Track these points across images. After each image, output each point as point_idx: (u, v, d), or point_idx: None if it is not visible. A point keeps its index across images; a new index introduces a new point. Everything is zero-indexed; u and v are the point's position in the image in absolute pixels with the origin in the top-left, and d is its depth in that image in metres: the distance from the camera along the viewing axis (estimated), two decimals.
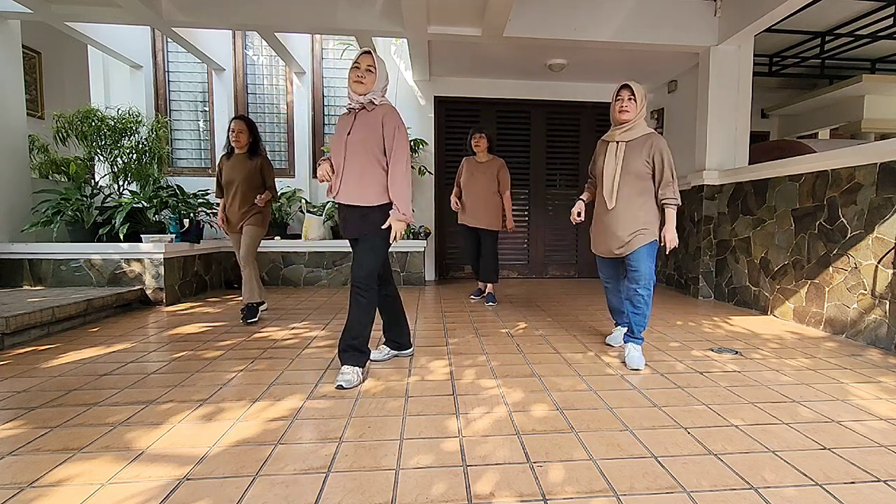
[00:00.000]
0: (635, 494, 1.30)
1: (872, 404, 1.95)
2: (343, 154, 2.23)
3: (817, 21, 4.87)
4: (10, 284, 3.97)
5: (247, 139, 3.38)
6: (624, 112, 2.43)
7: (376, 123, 2.22)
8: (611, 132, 2.54)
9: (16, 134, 4.25)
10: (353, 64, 2.21)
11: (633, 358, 2.42)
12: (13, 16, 4.13)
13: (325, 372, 2.32)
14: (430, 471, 1.41)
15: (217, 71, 5.85)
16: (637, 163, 2.43)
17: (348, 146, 2.22)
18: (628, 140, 2.46)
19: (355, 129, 2.23)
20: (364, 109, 2.25)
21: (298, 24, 4.18)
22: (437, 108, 5.84)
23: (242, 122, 3.38)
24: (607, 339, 2.87)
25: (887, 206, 2.76)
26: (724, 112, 4.48)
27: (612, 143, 2.50)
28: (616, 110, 2.46)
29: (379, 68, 2.21)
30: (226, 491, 1.31)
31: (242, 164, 3.39)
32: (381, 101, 2.28)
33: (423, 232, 5.63)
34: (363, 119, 2.24)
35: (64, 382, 2.15)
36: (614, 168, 2.47)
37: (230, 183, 3.40)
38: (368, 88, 2.20)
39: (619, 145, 2.48)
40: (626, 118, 2.43)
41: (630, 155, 2.44)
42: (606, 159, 2.50)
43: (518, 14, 4.16)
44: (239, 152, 3.41)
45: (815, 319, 3.29)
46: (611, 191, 2.48)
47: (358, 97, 2.22)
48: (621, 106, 2.44)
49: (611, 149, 2.50)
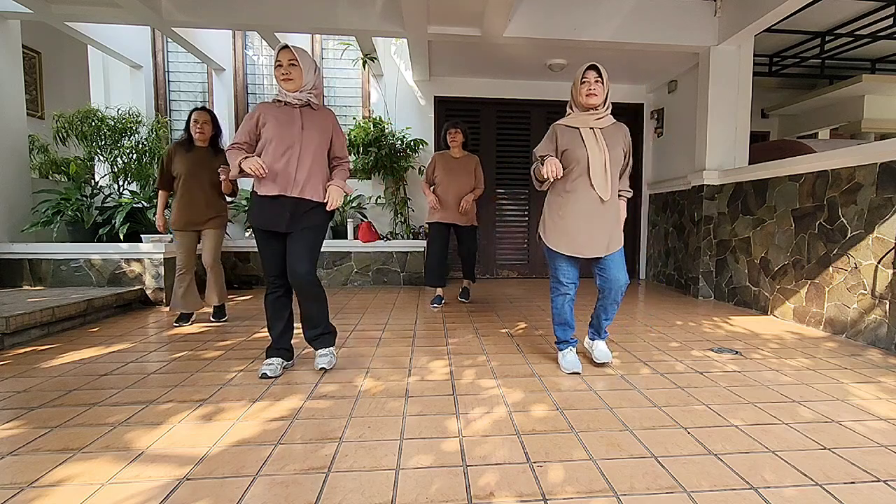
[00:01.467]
0: (635, 494, 1.30)
1: (872, 404, 1.95)
2: (298, 149, 2.19)
3: (817, 21, 4.87)
4: (10, 284, 3.97)
5: (210, 131, 3.26)
6: (592, 95, 2.20)
7: (326, 127, 2.29)
8: (579, 117, 2.28)
9: (16, 134, 4.25)
10: (276, 63, 2.18)
11: (605, 352, 2.41)
12: (13, 16, 4.13)
13: (325, 372, 2.32)
14: (430, 471, 1.41)
15: (217, 71, 5.85)
16: (617, 151, 2.27)
17: (304, 143, 2.20)
18: (603, 127, 2.27)
19: (307, 126, 2.22)
20: (308, 107, 2.26)
21: (298, 24, 4.17)
22: (437, 108, 5.84)
23: (207, 113, 3.27)
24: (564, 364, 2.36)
25: (887, 206, 2.76)
26: (724, 112, 4.48)
27: (587, 129, 2.26)
28: (583, 93, 2.22)
29: (303, 60, 2.18)
30: (226, 491, 1.31)
31: (206, 158, 3.23)
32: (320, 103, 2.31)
33: (423, 232, 5.63)
34: (311, 118, 2.25)
35: (64, 382, 2.15)
36: (602, 155, 2.23)
37: (192, 177, 3.20)
38: (299, 84, 2.19)
39: (595, 132, 2.25)
40: (595, 102, 2.22)
41: (609, 144, 2.25)
42: (589, 147, 2.23)
43: (518, 14, 4.16)
44: (200, 145, 3.25)
45: (815, 319, 3.29)
46: (604, 181, 2.23)
47: (293, 95, 2.20)
48: (589, 89, 2.20)
49: (588, 135, 2.25)
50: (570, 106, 2.34)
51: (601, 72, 2.22)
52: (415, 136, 5.58)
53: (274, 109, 2.23)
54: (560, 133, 2.32)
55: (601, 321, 2.42)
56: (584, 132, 2.26)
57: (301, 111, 2.24)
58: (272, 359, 2.30)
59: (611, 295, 2.32)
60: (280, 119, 2.20)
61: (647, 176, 6.04)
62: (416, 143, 5.49)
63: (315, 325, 2.35)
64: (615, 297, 2.32)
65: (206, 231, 3.28)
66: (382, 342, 2.90)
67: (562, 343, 2.43)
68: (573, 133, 2.29)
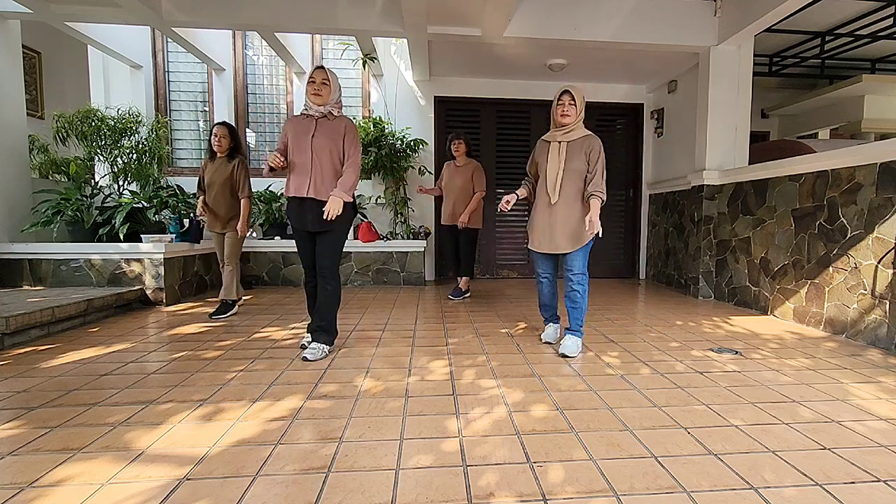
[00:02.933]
0: (635, 494, 1.30)
1: (872, 404, 1.95)
2: (310, 155, 2.49)
3: (817, 21, 4.87)
4: (10, 284, 3.97)
5: (228, 143, 3.58)
6: (565, 116, 2.62)
7: (338, 134, 2.54)
8: (551, 133, 2.71)
9: (16, 134, 4.25)
10: (309, 78, 2.49)
11: (569, 346, 2.62)
12: (13, 16, 4.13)
13: (325, 372, 2.32)
14: (430, 471, 1.41)
15: (217, 71, 5.85)
16: (577, 160, 2.63)
17: (315, 149, 2.50)
18: (569, 140, 2.66)
19: (319, 133, 2.51)
20: (325, 118, 2.54)
21: (298, 24, 4.18)
22: (437, 108, 5.84)
23: (225, 127, 3.58)
24: (543, 336, 2.91)
25: (887, 206, 2.76)
26: (724, 112, 4.48)
27: (555, 143, 2.68)
28: (558, 114, 2.64)
29: (332, 80, 2.51)
30: (226, 491, 1.31)
31: (223, 167, 3.57)
32: (339, 113, 2.60)
33: (423, 232, 5.63)
34: (326, 126, 2.53)
35: (64, 382, 2.15)
36: (557, 165, 2.64)
37: (211, 184, 3.58)
38: (325, 100, 2.50)
39: (561, 145, 2.66)
40: (567, 121, 2.63)
41: (571, 154, 2.64)
42: (550, 157, 2.67)
43: (518, 14, 4.16)
44: (220, 156, 3.59)
45: (815, 319, 3.29)
46: (554, 185, 2.65)
47: (317, 108, 2.51)
48: (563, 111, 2.62)
49: (553, 148, 2.68)
50: (552, 120, 2.74)
51: (574, 95, 2.61)
52: (415, 136, 5.57)
53: (296, 121, 2.58)
54: (538, 146, 2.80)
55: (569, 308, 2.72)
56: (551, 146, 2.70)
57: (317, 122, 2.54)
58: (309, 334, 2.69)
59: (568, 284, 2.70)
60: (297, 130, 2.54)
61: (647, 176, 6.04)
62: (416, 143, 5.49)
63: (320, 318, 2.61)
64: (571, 284, 2.68)
65: (226, 233, 3.67)
66: (382, 342, 2.90)
67: (545, 319, 2.97)
68: (544, 146, 2.75)
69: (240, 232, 3.58)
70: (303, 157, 2.50)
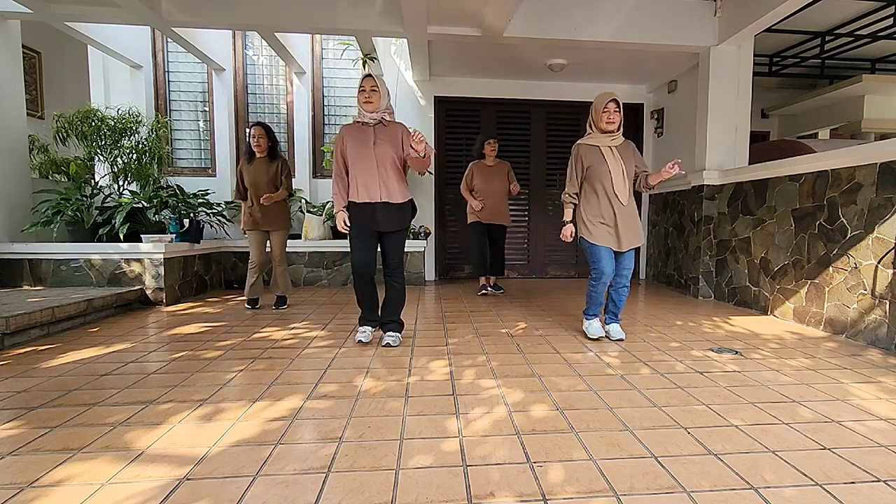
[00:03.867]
0: (635, 494, 1.30)
1: (872, 404, 1.95)
2: (374, 161, 2.64)
3: (817, 21, 4.87)
4: (10, 284, 3.97)
5: (266, 143, 3.70)
6: (611, 123, 2.76)
7: (397, 139, 2.68)
8: (597, 138, 2.83)
9: (16, 134, 4.25)
10: (360, 88, 2.63)
11: (618, 331, 2.95)
12: (13, 16, 4.13)
13: (325, 372, 2.32)
14: (430, 471, 1.41)
15: (217, 71, 5.85)
16: (630, 164, 2.82)
17: (378, 156, 2.64)
18: (617, 145, 2.82)
19: (379, 141, 2.65)
20: (380, 124, 2.67)
21: (298, 24, 4.18)
22: (437, 108, 5.84)
23: (262, 127, 3.70)
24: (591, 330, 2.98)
25: (887, 206, 2.76)
26: (724, 112, 4.48)
27: (605, 147, 2.80)
28: (603, 121, 2.76)
29: (381, 87, 2.63)
30: (226, 491, 1.31)
31: (265, 167, 3.71)
32: (391, 118, 2.73)
33: (423, 232, 5.63)
34: (383, 133, 2.67)
35: (64, 382, 2.15)
36: (621, 168, 2.78)
37: (256, 185, 3.70)
38: (377, 106, 2.62)
39: (612, 149, 2.81)
40: (612, 128, 2.77)
41: (624, 159, 2.80)
42: (609, 161, 2.78)
43: (518, 14, 4.16)
44: (260, 156, 3.72)
45: (815, 319, 3.29)
46: (623, 188, 2.80)
47: (370, 115, 2.63)
48: (608, 118, 2.75)
49: (607, 152, 2.80)
50: (590, 126, 2.87)
51: (619, 103, 2.77)
52: None
53: (354, 130, 2.70)
54: (584, 152, 2.86)
55: (616, 304, 2.96)
56: (603, 150, 2.81)
57: (374, 129, 2.66)
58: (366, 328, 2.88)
59: (621, 280, 2.89)
60: (357, 139, 2.67)
61: None
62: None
63: (391, 312, 2.84)
64: (625, 282, 2.90)
65: (272, 232, 3.83)
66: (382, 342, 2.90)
67: (591, 315, 3.00)
68: (594, 151, 2.83)
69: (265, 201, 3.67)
70: (368, 165, 2.63)
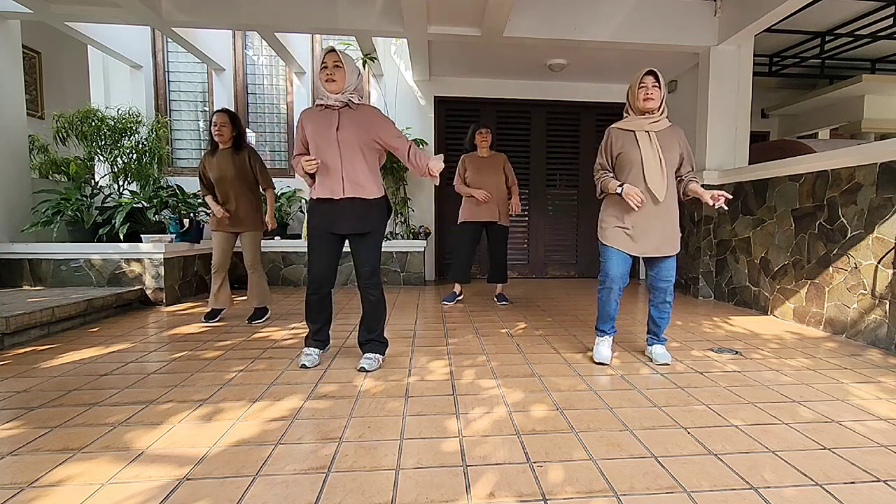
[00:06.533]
0: (635, 494, 1.30)
1: (872, 404, 1.95)
2: (337, 150, 2.24)
3: (817, 21, 4.87)
4: (10, 284, 3.97)
5: (230, 132, 3.25)
6: (649, 100, 2.29)
7: (367, 124, 2.28)
8: (634, 121, 2.36)
9: (16, 134, 4.25)
10: (321, 64, 2.23)
11: (664, 354, 2.49)
12: (13, 16, 4.13)
13: (325, 372, 2.32)
14: (430, 471, 1.41)
15: (217, 71, 5.85)
16: (673, 154, 2.34)
17: (342, 143, 2.24)
18: (658, 131, 2.33)
19: (344, 126, 2.24)
20: (347, 107, 2.28)
21: (298, 24, 4.18)
22: (437, 108, 5.84)
23: (225, 114, 3.26)
24: (598, 355, 2.48)
25: (887, 206, 2.76)
26: (724, 112, 4.48)
27: (641, 132, 2.33)
28: (640, 98, 2.30)
29: (346, 63, 2.23)
30: (226, 491, 1.31)
31: (230, 159, 3.25)
32: (360, 101, 2.32)
33: (423, 232, 5.63)
34: (350, 117, 2.27)
35: (64, 382, 2.15)
36: (656, 158, 2.30)
37: (221, 180, 3.26)
38: (341, 86, 2.23)
39: (650, 135, 2.32)
40: (652, 106, 2.30)
41: (665, 146, 2.32)
42: (643, 148, 2.31)
43: (518, 14, 4.16)
44: (224, 147, 3.28)
45: (815, 319, 3.29)
46: (661, 181, 2.30)
47: (334, 95, 2.24)
48: (646, 94, 2.29)
49: (643, 138, 2.32)
50: (627, 109, 2.43)
51: (659, 77, 2.30)
52: (415, 136, 5.58)
53: (314, 114, 2.29)
54: (615, 137, 2.41)
55: (657, 322, 2.50)
56: (639, 135, 2.34)
57: (339, 112, 2.27)
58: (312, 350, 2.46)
59: (660, 294, 2.45)
60: (318, 123, 2.27)
61: None
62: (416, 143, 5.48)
63: (369, 330, 2.42)
64: (664, 296, 2.44)
65: (242, 234, 3.36)
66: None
67: (600, 332, 2.54)
68: (628, 136, 2.37)
69: (269, 225, 3.37)
70: (330, 154, 2.23)
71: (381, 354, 2.42)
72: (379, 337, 2.42)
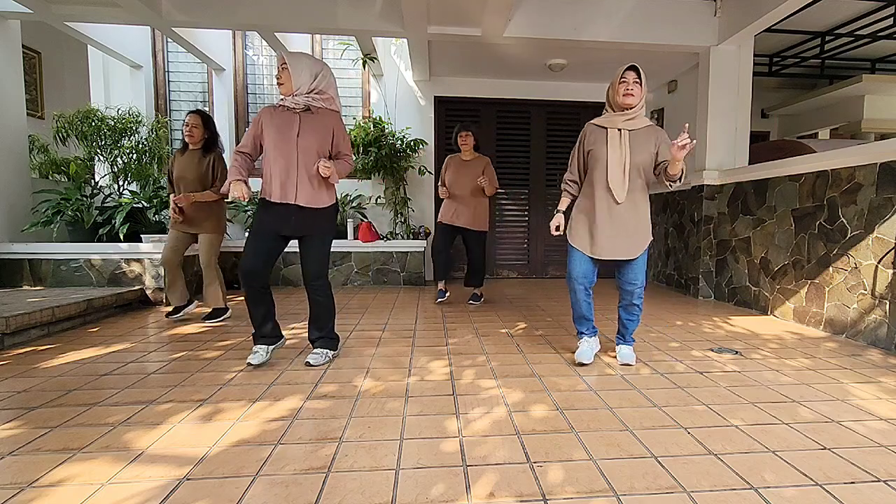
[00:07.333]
0: (635, 494, 1.30)
1: (872, 404, 1.95)
2: (295, 156, 2.23)
3: (817, 21, 4.87)
4: (10, 284, 3.97)
5: (201, 135, 3.25)
6: (629, 96, 2.23)
7: (325, 129, 2.28)
8: (609, 118, 2.32)
9: (16, 134, 4.25)
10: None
11: (627, 354, 2.46)
12: (13, 16, 4.13)
13: (325, 372, 2.32)
14: (430, 471, 1.41)
15: (217, 71, 5.85)
16: (644, 154, 2.26)
17: (300, 150, 2.24)
18: (631, 129, 2.27)
19: (305, 131, 2.24)
20: (308, 111, 2.27)
21: (298, 24, 4.17)
22: (437, 108, 5.84)
23: (198, 116, 3.26)
24: (577, 355, 2.44)
25: (887, 206, 2.76)
26: (724, 112, 4.48)
27: (613, 129, 2.28)
28: (620, 93, 2.25)
29: (295, 63, 2.20)
30: (226, 491, 1.31)
31: (193, 160, 3.25)
32: (323, 104, 2.28)
33: (423, 232, 5.63)
34: (311, 123, 2.26)
35: (64, 382, 2.15)
36: (622, 156, 2.25)
37: (181, 180, 3.25)
38: (289, 88, 2.22)
39: (622, 133, 2.27)
40: (631, 102, 2.24)
41: (636, 146, 2.26)
42: (610, 146, 2.27)
43: (518, 14, 4.16)
44: (193, 148, 3.27)
45: (816, 319, 3.29)
46: (621, 181, 2.25)
47: (288, 98, 2.24)
48: (626, 89, 2.23)
49: (612, 135, 2.28)
50: (606, 105, 2.38)
51: (640, 73, 2.24)
52: (415, 136, 5.57)
53: (276, 115, 2.27)
54: (589, 133, 2.39)
55: (625, 324, 2.49)
56: (610, 132, 2.30)
57: (301, 116, 2.26)
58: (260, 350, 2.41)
59: (626, 297, 2.43)
60: (279, 125, 2.24)
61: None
62: (416, 143, 5.49)
63: (318, 329, 2.47)
64: (631, 298, 2.41)
65: (200, 235, 3.36)
66: (382, 342, 2.90)
67: (579, 333, 2.55)
68: (601, 133, 2.34)
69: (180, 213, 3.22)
70: (287, 159, 2.22)
71: (331, 350, 2.47)
72: (329, 334, 2.47)
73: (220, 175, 3.29)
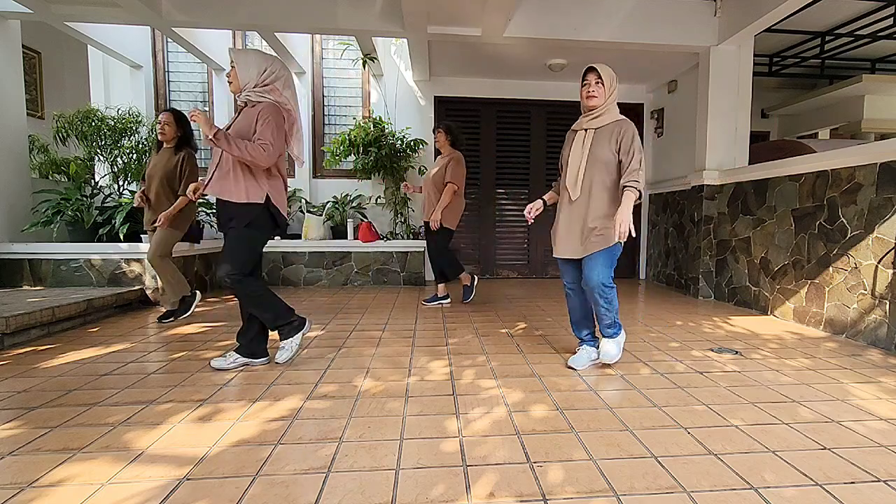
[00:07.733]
0: (635, 494, 1.30)
1: (872, 404, 1.95)
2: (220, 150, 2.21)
3: (817, 21, 4.87)
4: (10, 284, 3.97)
5: (173, 132, 3.26)
6: (591, 97, 2.25)
7: (248, 123, 2.21)
8: (579, 121, 2.36)
9: (16, 134, 4.25)
10: None
11: (607, 351, 2.34)
12: (13, 16, 4.13)
13: (325, 372, 2.32)
14: (430, 471, 1.41)
15: (217, 71, 5.85)
16: (604, 150, 2.23)
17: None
18: (596, 127, 2.28)
19: (233, 126, 2.25)
20: (247, 106, 2.27)
21: (298, 24, 4.18)
22: (437, 108, 5.84)
23: (170, 114, 3.27)
24: (570, 361, 2.41)
25: (887, 206, 2.76)
26: (724, 112, 4.48)
27: (580, 130, 2.32)
28: (584, 96, 2.28)
29: (241, 59, 2.21)
30: (226, 491, 1.31)
31: (164, 158, 3.26)
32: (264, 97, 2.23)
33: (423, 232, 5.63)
34: (242, 116, 2.27)
35: (64, 382, 2.15)
36: (580, 156, 2.27)
37: (151, 177, 3.27)
38: (237, 86, 2.25)
39: (586, 133, 2.30)
40: (595, 104, 2.25)
41: (598, 142, 2.25)
42: (573, 147, 2.32)
43: (518, 14, 4.16)
44: (167, 146, 3.30)
45: (816, 319, 3.29)
46: (575, 179, 2.27)
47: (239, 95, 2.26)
48: (588, 91, 2.25)
49: (578, 137, 2.32)
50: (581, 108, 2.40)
51: (600, 73, 2.25)
52: (415, 136, 5.57)
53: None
54: (567, 138, 2.46)
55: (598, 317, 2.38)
56: (577, 135, 2.36)
57: (240, 111, 2.30)
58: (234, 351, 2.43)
59: (589, 297, 2.33)
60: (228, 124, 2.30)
61: (647, 176, 6.05)
62: (416, 143, 5.49)
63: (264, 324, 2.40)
64: (591, 296, 2.30)
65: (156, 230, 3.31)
66: (382, 342, 2.90)
67: (579, 339, 2.52)
68: (571, 136, 2.42)
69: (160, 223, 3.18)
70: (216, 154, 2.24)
71: (290, 338, 2.40)
72: (277, 325, 2.38)
73: (187, 173, 3.26)
